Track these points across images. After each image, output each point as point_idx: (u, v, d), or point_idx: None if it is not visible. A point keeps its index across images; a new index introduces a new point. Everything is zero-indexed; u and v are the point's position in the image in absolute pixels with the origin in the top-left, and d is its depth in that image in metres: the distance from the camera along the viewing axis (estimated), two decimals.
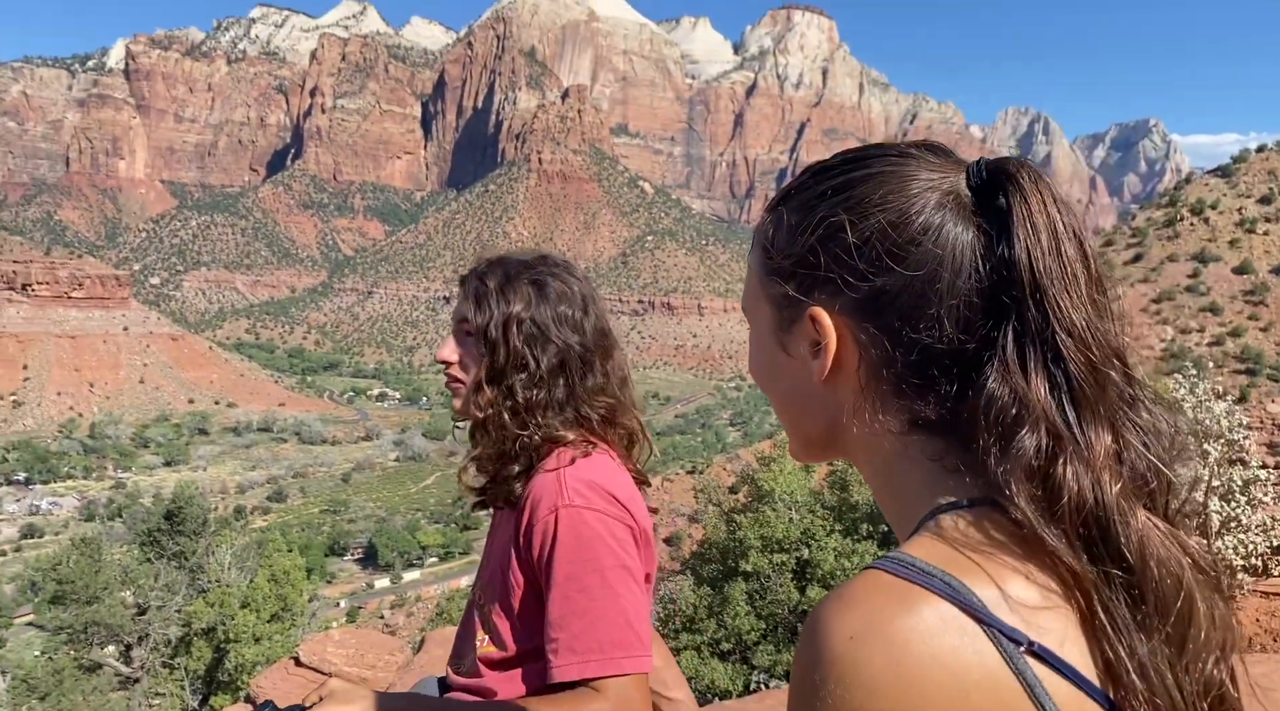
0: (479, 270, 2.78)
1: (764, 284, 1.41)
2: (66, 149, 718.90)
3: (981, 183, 1.27)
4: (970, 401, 1.22)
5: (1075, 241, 1.23)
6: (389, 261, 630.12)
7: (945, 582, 1.08)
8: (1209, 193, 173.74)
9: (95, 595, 28.10)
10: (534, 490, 2.44)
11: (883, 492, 1.37)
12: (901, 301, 1.25)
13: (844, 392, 1.33)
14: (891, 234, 1.25)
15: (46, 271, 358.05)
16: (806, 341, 1.34)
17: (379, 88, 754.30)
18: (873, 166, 1.33)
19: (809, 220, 1.34)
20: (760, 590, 18.86)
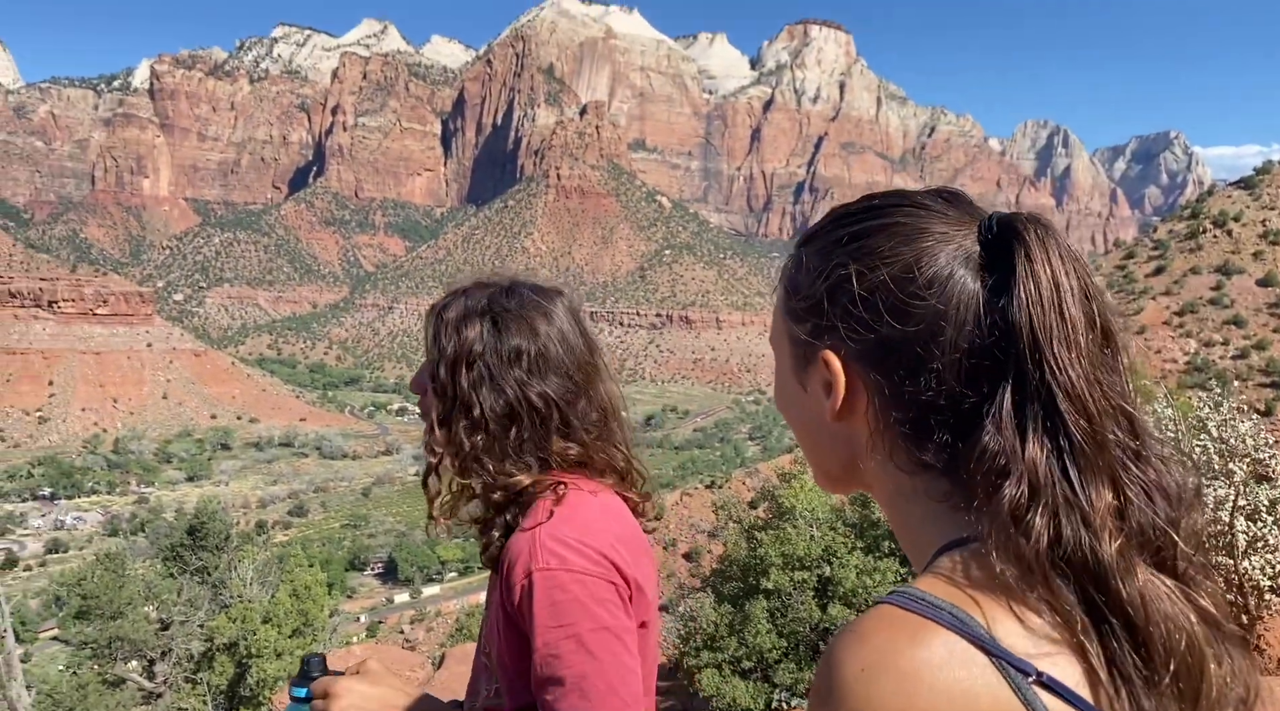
0: (440, 302, 2.63)
1: (784, 322, 1.48)
2: (92, 167, 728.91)
3: (991, 238, 1.30)
4: (966, 451, 1.26)
5: (1080, 298, 1.24)
6: (409, 277, 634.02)
7: (953, 616, 1.11)
8: (1232, 205, 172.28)
9: (119, 610, 28.29)
10: (510, 551, 2.32)
11: (897, 527, 1.43)
12: (904, 353, 1.30)
13: (857, 431, 1.39)
14: (897, 286, 1.29)
15: (72, 288, 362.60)
16: (820, 381, 1.41)
17: (400, 105, 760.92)
18: (889, 216, 1.38)
19: (824, 266, 1.40)
20: (781, 608, 18.77)
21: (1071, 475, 1.19)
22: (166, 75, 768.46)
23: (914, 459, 1.33)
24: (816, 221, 1.53)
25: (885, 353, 1.31)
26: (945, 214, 1.35)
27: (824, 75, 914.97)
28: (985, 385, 1.26)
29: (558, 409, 2.48)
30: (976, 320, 1.26)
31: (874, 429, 1.36)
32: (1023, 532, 1.17)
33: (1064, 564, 1.16)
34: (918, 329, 1.28)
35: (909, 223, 1.34)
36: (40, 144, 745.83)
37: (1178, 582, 1.19)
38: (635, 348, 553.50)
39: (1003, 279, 1.26)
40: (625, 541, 2.40)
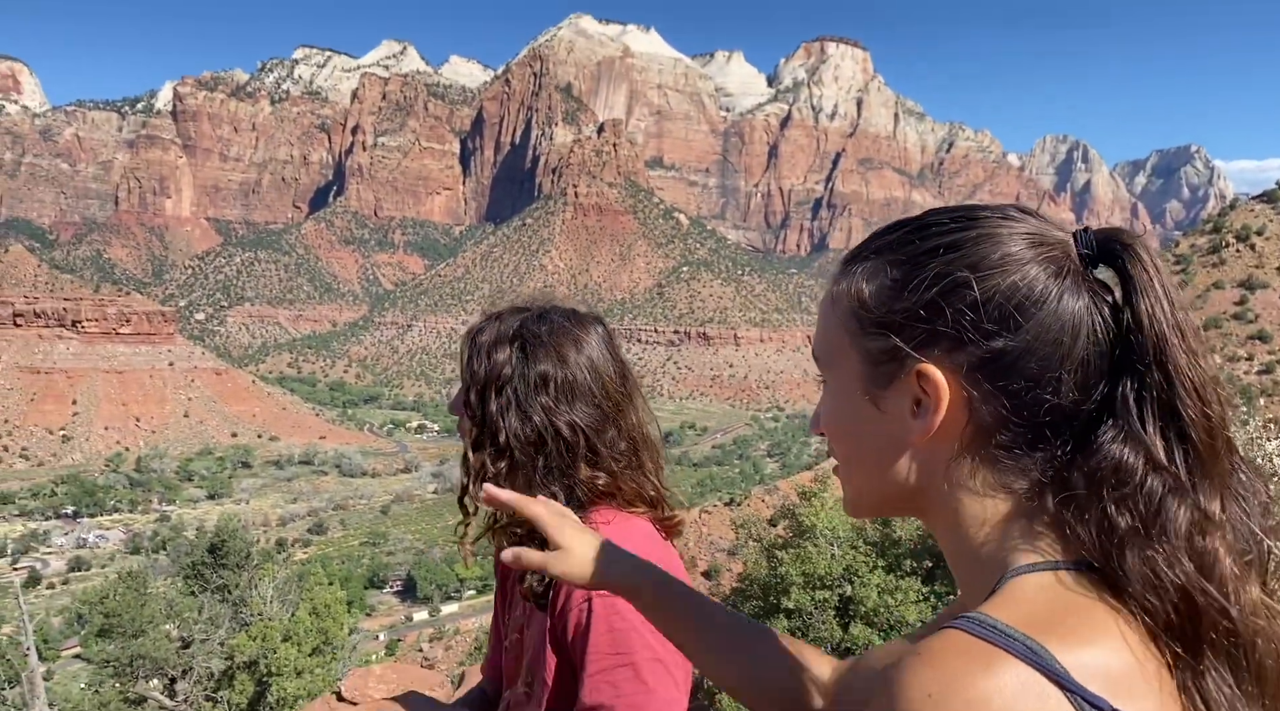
0: (475, 326, 2.66)
1: (857, 336, 1.39)
2: (116, 188, 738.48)
3: (1092, 251, 1.29)
4: (1081, 463, 1.23)
5: (1185, 309, 1.26)
6: (428, 295, 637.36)
7: (1027, 646, 1.07)
8: (1255, 218, 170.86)
9: (141, 628, 28.40)
10: None
11: (959, 552, 1.36)
12: (1024, 362, 1.25)
13: (940, 451, 1.33)
14: (1015, 294, 1.26)
15: (95, 308, 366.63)
16: (908, 398, 1.34)
17: (419, 125, 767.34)
18: (982, 226, 1.33)
19: (922, 275, 1.32)
20: (802, 627, 18.63)
21: (1197, 482, 1.18)
22: (189, 97, 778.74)
23: (995, 480, 1.30)
24: (877, 235, 1.46)
25: (1004, 363, 1.27)
26: (1033, 224, 1.33)
27: (841, 92, 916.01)
28: (1100, 393, 1.25)
29: (585, 437, 2.46)
30: (1091, 328, 1.25)
31: (967, 445, 1.31)
32: (1146, 545, 1.14)
33: (1174, 587, 1.12)
34: (1038, 337, 1.25)
35: (1006, 233, 1.31)
36: (65, 166, 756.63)
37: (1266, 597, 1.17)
38: (653, 364, 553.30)
39: (1118, 288, 1.26)
40: (670, 565, 2.35)
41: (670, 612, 1.88)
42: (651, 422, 2.63)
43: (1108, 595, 1.14)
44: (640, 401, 2.61)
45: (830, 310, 1.45)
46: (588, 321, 2.61)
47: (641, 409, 2.60)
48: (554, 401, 2.45)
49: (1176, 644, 1.11)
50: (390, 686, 17.16)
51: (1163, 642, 1.12)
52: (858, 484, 1.46)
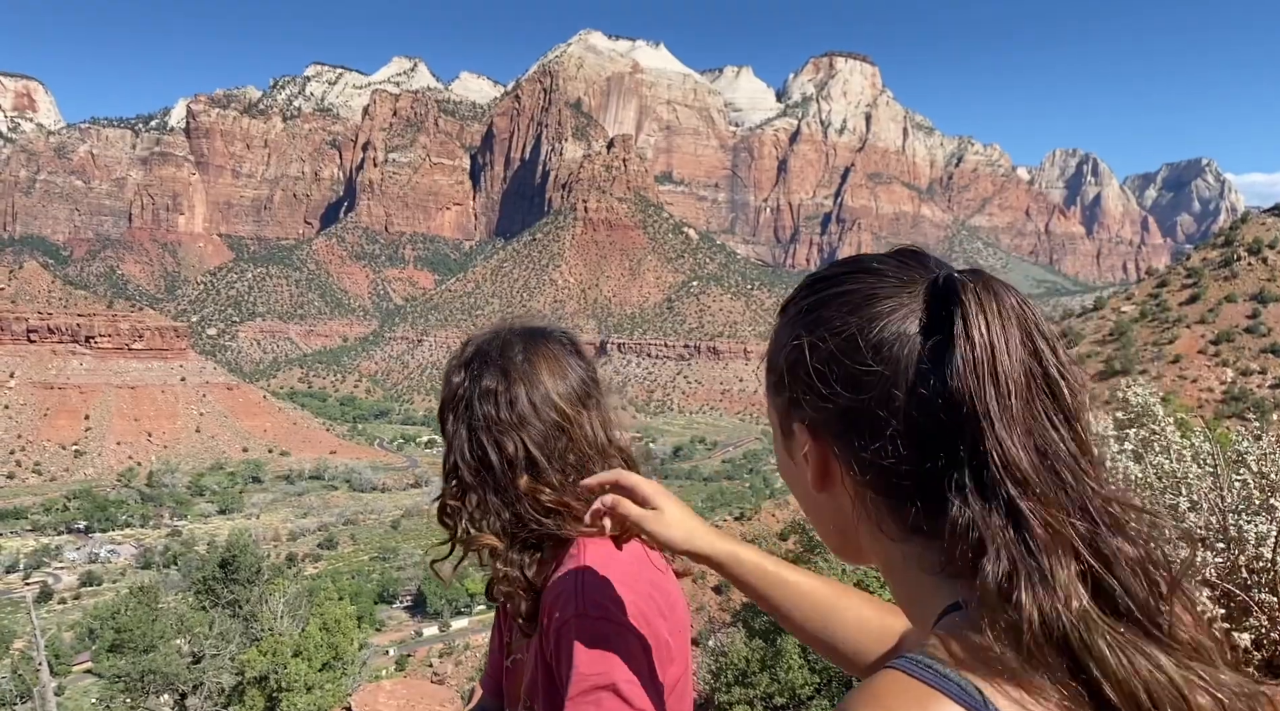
0: (451, 358, 2.67)
1: (770, 398, 1.52)
2: (129, 205, 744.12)
3: (935, 300, 1.30)
4: (941, 521, 1.27)
5: (1019, 356, 1.23)
6: (438, 310, 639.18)
7: (961, 687, 1.11)
8: (1266, 232, 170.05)
9: (152, 643, 28.45)
10: (549, 600, 2.35)
11: (897, 597, 1.43)
12: (861, 421, 1.30)
13: (842, 502, 1.41)
14: (844, 357, 1.31)
15: (108, 324, 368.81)
16: (800, 452, 1.44)
17: (429, 141, 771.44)
18: (840, 284, 1.38)
19: (786, 340, 1.44)
20: None
21: (1033, 548, 1.19)
22: (202, 114, 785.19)
23: (902, 527, 1.34)
24: (792, 290, 1.51)
25: (845, 422, 1.31)
26: (899, 277, 1.34)
27: (850, 106, 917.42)
28: (944, 451, 1.25)
29: (526, 452, 2.46)
30: (922, 384, 1.26)
31: (854, 499, 1.37)
32: (1014, 609, 1.16)
33: (1059, 642, 1.15)
34: (869, 396, 1.28)
35: (859, 289, 1.34)
36: (79, 183, 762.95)
37: (1176, 650, 1.17)
38: (663, 379, 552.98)
39: (941, 343, 1.27)
40: (659, 587, 2.45)
41: (746, 583, 2.13)
42: (613, 433, 2.62)
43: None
44: (596, 415, 2.58)
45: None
46: (542, 338, 2.61)
47: (595, 422, 2.57)
48: (497, 419, 2.46)
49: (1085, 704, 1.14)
50: (400, 702, 17.13)
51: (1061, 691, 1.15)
52: (816, 529, 1.54)
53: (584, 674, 2.19)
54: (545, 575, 2.43)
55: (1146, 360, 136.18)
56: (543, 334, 2.64)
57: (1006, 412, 1.19)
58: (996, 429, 1.19)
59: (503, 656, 2.76)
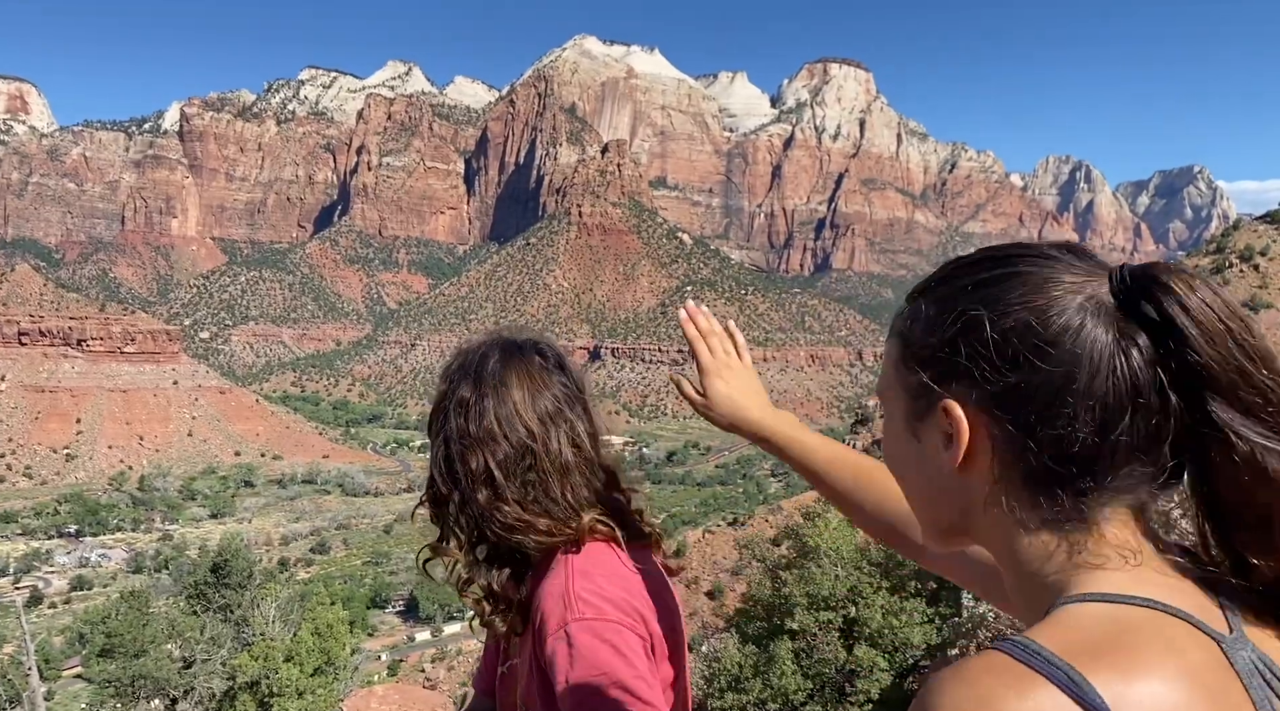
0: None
1: (900, 372, 1.48)
2: (122, 208, 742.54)
3: (1125, 288, 1.30)
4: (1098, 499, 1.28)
5: (1245, 331, 1.25)
6: (432, 314, 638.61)
7: (1068, 675, 1.07)
8: (1258, 239, 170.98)
9: (142, 648, 28.28)
10: (542, 605, 2.35)
11: (1012, 583, 1.39)
12: (1037, 399, 1.28)
13: (977, 482, 1.37)
14: (1030, 333, 1.29)
15: (101, 327, 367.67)
16: (939, 432, 1.40)
17: (423, 145, 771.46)
18: (1015, 265, 1.37)
19: (949, 313, 1.39)
20: (806, 648, 18.53)
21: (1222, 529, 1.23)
22: (196, 117, 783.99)
23: (1034, 514, 1.32)
24: (932, 273, 1.51)
25: (1017, 399, 1.30)
26: (1073, 264, 1.35)
27: (844, 112, 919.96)
28: (1121, 433, 1.25)
29: (486, 469, 2.47)
30: (1112, 368, 1.25)
31: (997, 478, 1.35)
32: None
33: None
34: (1052, 373, 1.27)
35: (1036, 272, 1.34)
36: (72, 185, 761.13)
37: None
38: (657, 384, 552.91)
39: (1153, 325, 1.26)
40: (651, 585, 2.48)
41: (789, 458, 2.34)
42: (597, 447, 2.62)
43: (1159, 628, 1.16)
44: (567, 432, 2.55)
45: (887, 345, 1.54)
46: (518, 351, 2.63)
47: (564, 440, 2.54)
48: (465, 432, 2.49)
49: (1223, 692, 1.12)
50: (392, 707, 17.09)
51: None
52: (918, 514, 1.54)
53: (586, 675, 2.18)
54: (529, 586, 2.46)
55: None
56: (522, 347, 2.64)
57: (1252, 377, 1.22)
58: (1246, 399, 1.21)
59: (497, 658, 2.76)
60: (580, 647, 2.21)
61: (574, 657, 2.21)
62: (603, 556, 2.45)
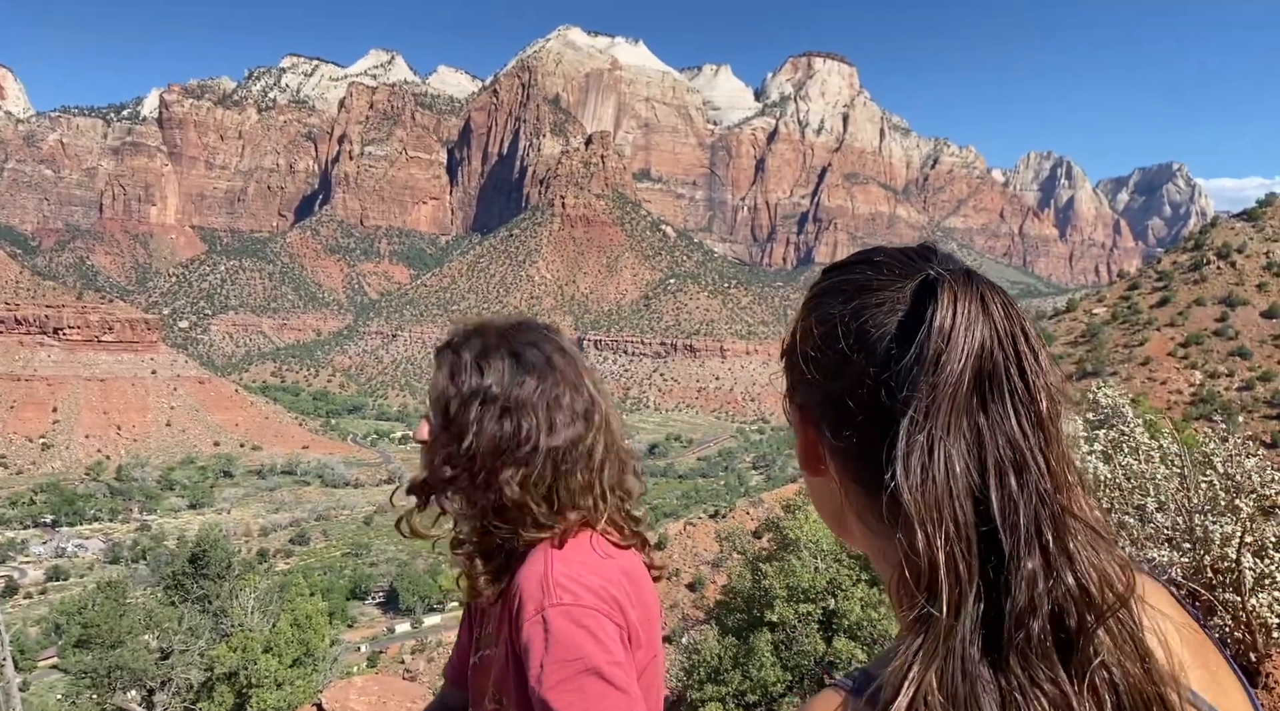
0: (454, 341, 2.67)
1: (787, 380, 1.52)
2: (100, 196, 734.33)
3: (918, 293, 1.32)
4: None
5: (973, 361, 1.23)
6: (414, 305, 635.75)
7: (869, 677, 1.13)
8: (1235, 236, 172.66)
9: (119, 639, 28.10)
10: (520, 590, 2.35)
11: (887, 585, 1.37)
12: (838, 408, 1.33)
13: (833, 488, 1.42)
14: (830, 343, 1.34)
15: (78, 316, 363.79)
16: (800, 435, 1.46)
17: (406, 135, 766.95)
18: (845, 272, 1.42)
19: (794, 325, 1.49)
20: (786, 640, 18.62)
21: (920, 569, 1.20)
22: (175, 104, 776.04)
23: (880, 519, 1.30)
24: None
25: (827, 407, 1.34)
26: (898, 271, 1.35)
27: (827, 106, 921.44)
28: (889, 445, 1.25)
29: (580, 443, 2.52)
30: (888, 374, 1.28)
31: (840, 486, 1.38)
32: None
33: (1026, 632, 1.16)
34: (847, 382, 1.30)
35: (857, 279, 1.37)
36: (49, 172, 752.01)
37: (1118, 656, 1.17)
38: (639, 376, 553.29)
39: (909, 335, 1.28)
40: (627, 575, 2.49)
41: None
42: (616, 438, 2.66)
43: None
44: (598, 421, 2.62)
45: None
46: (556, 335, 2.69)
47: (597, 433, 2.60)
48: (546, 413, 2.52)
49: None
50: (371, 698, 17.03)
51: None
52: (818, 512, 1.55)
53: (562, 660, 2.17)
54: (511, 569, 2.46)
55: (1117, 362, 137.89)
56: (556, 332, 2.69)
57: (934, 408, 1.19)
58: (915, 424, 1.20)
59: (470, 649, 2.77)
60: (556, 632, 2.21)
61: (549, 641, 2.20)
62: (583, 545, 2.46)
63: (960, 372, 1.21)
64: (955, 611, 1.14)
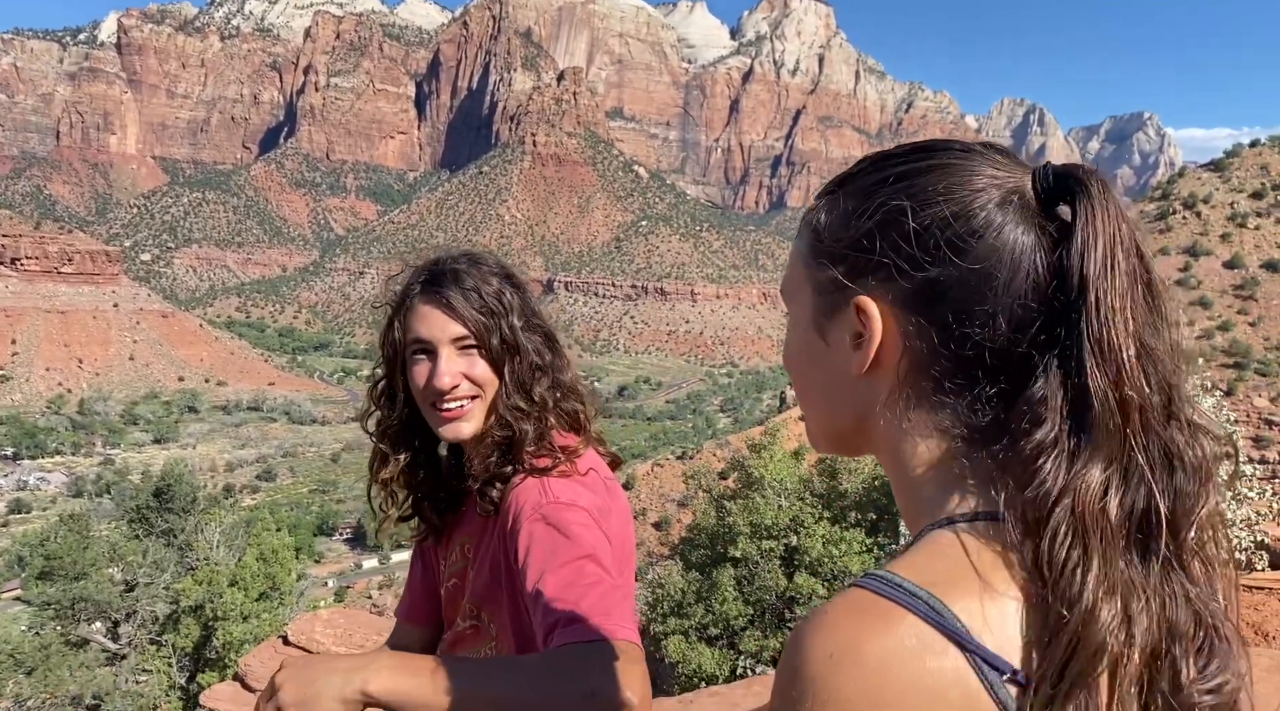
0: (448, 273, 2.56)
1: (810, 268, 1.35)
2: (57, 123, 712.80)
3: (1048, 186, 1.23)
4: (1009, 405, 1.18)
5: (1137, 257, 1.19)
6: (381, 242, 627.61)
7: (929, 605, 1.04)
8: (1201, 187, 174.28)
9: (83, 571, 28.07)
10: (518, 494, 2.38)
11: (900, 493, 1.32)
12: (956, 294, 1.20)
13: (880, 386, 1.29)
14: (953, 225, 1.21)
15: (36, 246, 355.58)
16: (849, 331, 1.29)
17: (373, 66, 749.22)
18: (938, 157, 1.29)
19: (867, 205, 1.28)
20: (748, 576, 18.96)
21: (1080, 439, 1.11)
22: (134, 30, 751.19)
23: (931, 421, 1.24)
24: (850, 167, 1.39)
25: (936, 294, 1.21)
26: (995, 158, 1.28)
27: (803, 47, 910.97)
28: (1036, 335, 1.17)
29: (562, 352, 2.63)
30: (1033, 265, 1.18)
31: (902, 381, 1.26)
32: (1033, 488, 1.10)
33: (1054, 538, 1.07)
34: (974, 268, 1.19)
35: (960, 164, 1.26)
36: (2, 97, 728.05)
37: (1161, 575, 1.10)
38: (610, 318, 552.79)
39: (1062, 227, 1.20)
40: (614, 488, 2.55)
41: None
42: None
43: (1012, 547, 1.09)
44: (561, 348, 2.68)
45: (795, 243, 1.42)
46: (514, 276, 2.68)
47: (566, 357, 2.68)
48: (544, 324, 2.60)
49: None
50: (337, 631, 17.16)
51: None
52: (811, 416, 1.43)
53: (562, 547, 2.19)
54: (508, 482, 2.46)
55: None
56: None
57: (1121, 301, 1.13)
58: (1104, 315, 1.12)
59: (425, 586, 2.82)
60: (557, 524, 2.24)
61: (549, 533, 2.23)
62: (587, 454, 2.51)
63: (1131, 268, 1.17)
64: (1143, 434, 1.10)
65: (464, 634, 2.55)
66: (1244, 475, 8.56)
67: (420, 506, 2.65)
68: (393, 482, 2.61)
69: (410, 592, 2.91)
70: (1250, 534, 8.50)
